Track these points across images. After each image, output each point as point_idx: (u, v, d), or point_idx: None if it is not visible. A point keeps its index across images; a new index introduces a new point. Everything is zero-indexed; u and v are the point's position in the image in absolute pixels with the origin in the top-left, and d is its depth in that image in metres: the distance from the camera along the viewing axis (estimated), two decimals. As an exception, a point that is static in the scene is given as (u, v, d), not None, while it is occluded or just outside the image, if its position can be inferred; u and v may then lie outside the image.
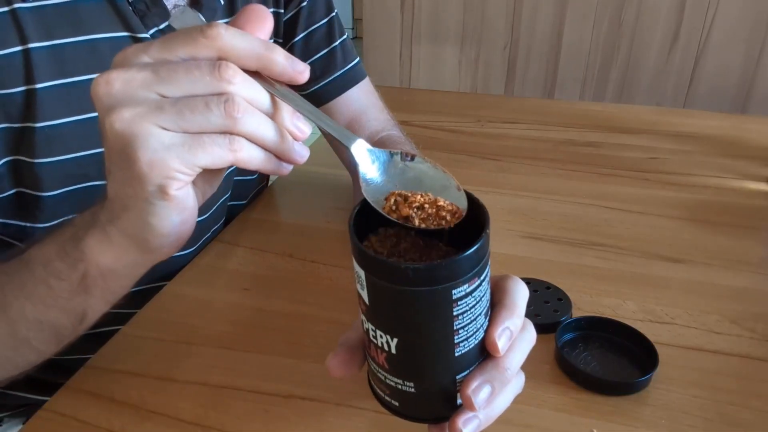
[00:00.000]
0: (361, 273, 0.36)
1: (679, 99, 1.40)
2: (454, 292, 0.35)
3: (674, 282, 0.68)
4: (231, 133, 0.37)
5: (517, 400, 0.41)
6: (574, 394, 0.54)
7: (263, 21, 0.39)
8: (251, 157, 0.38)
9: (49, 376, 0.58)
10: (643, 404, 0.53)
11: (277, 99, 0.39)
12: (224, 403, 0.53)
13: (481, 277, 0.36)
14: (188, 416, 0.51)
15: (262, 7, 0.39)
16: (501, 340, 0.38)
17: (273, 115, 0.39)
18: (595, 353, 0.57)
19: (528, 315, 0.41)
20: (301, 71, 0.38)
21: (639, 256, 0.73)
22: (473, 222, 0.38)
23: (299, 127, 0.40)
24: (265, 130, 0.38)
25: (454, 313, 0.36)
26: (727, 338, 0.60)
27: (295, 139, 0.40)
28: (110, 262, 0.43)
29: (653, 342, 0.56)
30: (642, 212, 0.83)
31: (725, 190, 0.89)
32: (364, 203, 0.39)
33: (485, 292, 0.38)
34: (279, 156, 0.40)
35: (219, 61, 0.36)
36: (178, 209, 0.39)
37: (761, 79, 1.33)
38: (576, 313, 0.62)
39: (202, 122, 0.36)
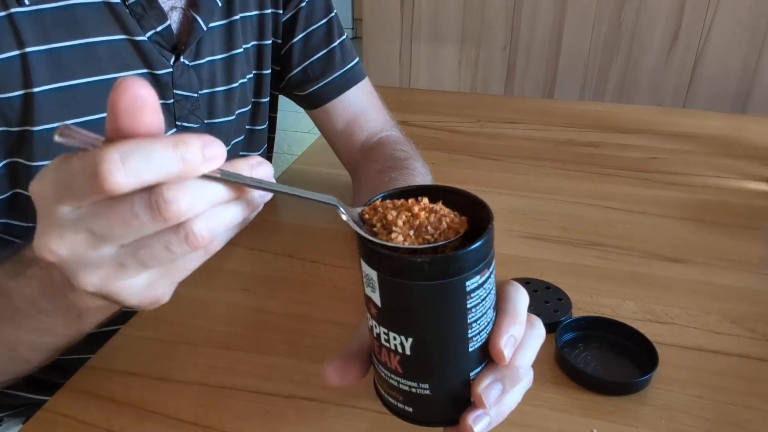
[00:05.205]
0: (372, 274, 0.36)
1: (679, 99, 1.39)
2: (467, 283, 0.35)
3: (674, 282, 0.68)
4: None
5: (517, 399, 0.42)
6: (574, 394, 0.53)
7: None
8: (224, 241, 0.35)
9: (49, 376, 0.58)
10: (643, 404, 0.53)
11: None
12: (224, 403, 0.53)
13: (490, 269, 0.37)
14: (188, 416, 0.51)
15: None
16: (506, 349, 0.38)
17: (235, 192, 0.33)
18: (595, 353, 0.57)
19: (529, 315, 0.41)
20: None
21: (639, 256, 0.73)
22: (475, 219, 0.38)
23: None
24: (233, 220, 0.33)
25: (468, 306, 0.36)
26: (727, 338, 0.60)
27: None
28: (102, 305, 0.40)
29: (653, 342, 0.56)
30: (642, 212, 0.83)
31: (725, 190, 0.89)
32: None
33: (493, 285, 0.38)
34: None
35: (151, 197, 0.29)
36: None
37: (761, 79, 1.33)
38: (576, 313, 0.62)
39: (172, 259, 0.33)
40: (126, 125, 0.29)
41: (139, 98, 0.29)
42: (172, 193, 0.30)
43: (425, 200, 0.38)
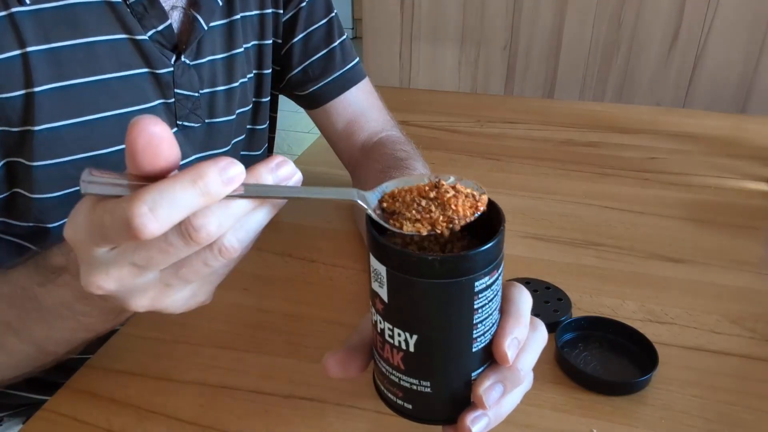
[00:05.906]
0: (381, 269, 0.36)
1: (679, 99, 1.39)
2: (476, 284, 0.36)
3: (674, 282, 0.68)
4: None
5: (517, 399, 0.42)
6: (574, 394, 0.54)
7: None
8: (254, 240, 0.37)
9: (49, 376, 0.58)
10: (643, 404, 0.53)
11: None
12: (224, 403, 0.53)
13: (499, 270, 0.37)
14: (188, 416, 0.51)
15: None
16: (510, 351, 0.38)
17: (258, 201, 0.35)
18: (595, 353, 0.57)
19: (529, 316, 0.41)
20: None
21: (639, 256, 0.73)
22: (485, 219, 0.38)
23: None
24: (260, 225, 0.36)
25: (475, 307, 0.36)
26: (727, 338, 0.60)
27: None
28: None
29: (653, 342, 0.56)
30: (642, 212, 0.83)
31: (725, 190, 0.89)
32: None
33: (500, 287, 0.38)
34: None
35: (182, 226, 0.32)
36: None
37: (761, 79, 1.33)
38: (576, 313, 0.62)
39: (211, 272, 0.36)
40: (146, 163, 0.32)
41: (155, 137, 0.31)
42: (200, 220, 0.32)
43: (445, 185, 0.38)
